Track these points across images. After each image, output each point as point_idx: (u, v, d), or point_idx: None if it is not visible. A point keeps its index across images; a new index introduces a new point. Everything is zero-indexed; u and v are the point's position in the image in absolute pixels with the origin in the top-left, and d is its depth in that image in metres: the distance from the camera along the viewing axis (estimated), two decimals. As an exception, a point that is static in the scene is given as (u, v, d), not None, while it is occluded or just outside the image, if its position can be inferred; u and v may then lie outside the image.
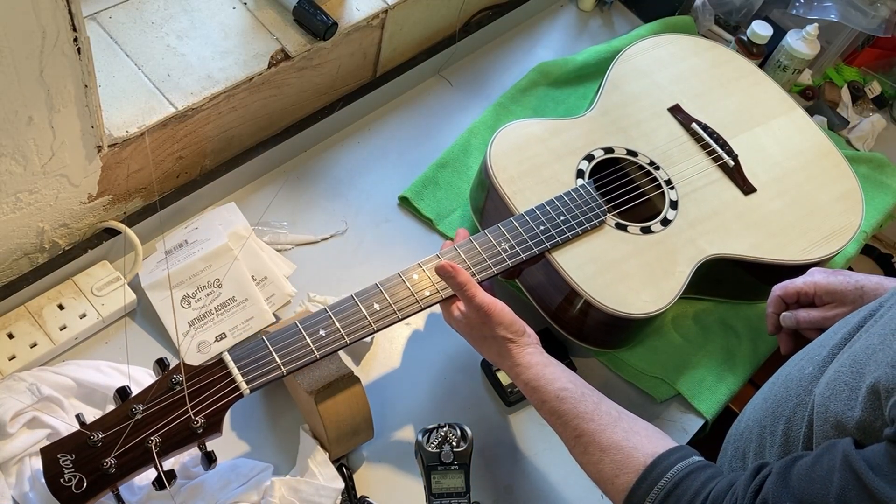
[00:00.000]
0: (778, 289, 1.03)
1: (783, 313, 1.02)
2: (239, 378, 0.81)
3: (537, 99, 1.34)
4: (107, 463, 0.75)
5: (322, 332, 0.87)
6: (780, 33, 1.44)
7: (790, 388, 0.83)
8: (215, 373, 0.81)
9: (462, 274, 0.91)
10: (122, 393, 0.80)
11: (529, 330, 0.93)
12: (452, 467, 0.94)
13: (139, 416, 0.77)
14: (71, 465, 0.75)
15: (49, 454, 0.75)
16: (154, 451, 0.76)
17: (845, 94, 1.53)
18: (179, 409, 0.78)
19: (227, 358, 0.82)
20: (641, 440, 0.81)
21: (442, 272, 0.92)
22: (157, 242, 1.06)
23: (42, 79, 0.81)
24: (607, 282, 1.01)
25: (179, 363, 0.81)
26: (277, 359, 0.84)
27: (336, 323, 0.88)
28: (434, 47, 1.33)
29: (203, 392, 0.80)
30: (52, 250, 1.01)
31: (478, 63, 1.39)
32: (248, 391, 0.81)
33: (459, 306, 0.94)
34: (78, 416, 0.78)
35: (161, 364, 0.82)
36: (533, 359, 0.90)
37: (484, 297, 0.91)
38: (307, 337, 0.86)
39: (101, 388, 0.92)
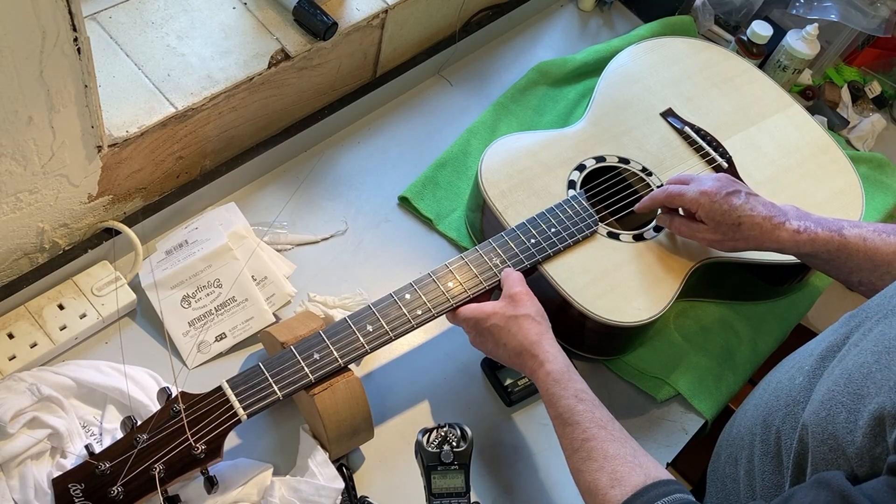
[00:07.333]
0: (663, 192, 1.03)
1: (661, 213, 1.07)
2: (237, 405, 0.84)
3: (537, 99, 1.34)
4: (114, 491, 0.78)
5: (316, 356, 0.88)
6: (780, 33, 1.44)
7: (780, 397, 0.82)
8: (214, 401, 0.84)
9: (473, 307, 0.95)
10: (128, 422, 0.82)
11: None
12: (452, 467, 0.94)
13: (143, 446, 0.80)
14: (81, 495, 0.78)
15: (60, 484, 0.78)
16: (158, 479, 0.79)
17: (845, 94, 1.53)
18: (180, 437, 0.81)
19: (226, 386, 0.85)
20: (648, 462, 0.80)
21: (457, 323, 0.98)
22: (157, 242, 1.06)
23: (42, 79, 0.81)
24: (599, 291, 1.01)
25: (177, 394, 0.84)
26: (273, 384, 0.86)
27: (330, 346, 0.89)
28: (434, 47, 1.33)
29: (202, 420, 0.83)
30: (52, 250, 1.01)
31: (478, 63, 1.39)
32: (245, 417, 0.84)
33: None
34: (87, 447, 0.80)
35: (164, 393, 0.85)
36: (558, 355, 0.90)
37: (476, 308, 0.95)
38: (302, 361, 0.88)
39: (100, 388, 0.92)
